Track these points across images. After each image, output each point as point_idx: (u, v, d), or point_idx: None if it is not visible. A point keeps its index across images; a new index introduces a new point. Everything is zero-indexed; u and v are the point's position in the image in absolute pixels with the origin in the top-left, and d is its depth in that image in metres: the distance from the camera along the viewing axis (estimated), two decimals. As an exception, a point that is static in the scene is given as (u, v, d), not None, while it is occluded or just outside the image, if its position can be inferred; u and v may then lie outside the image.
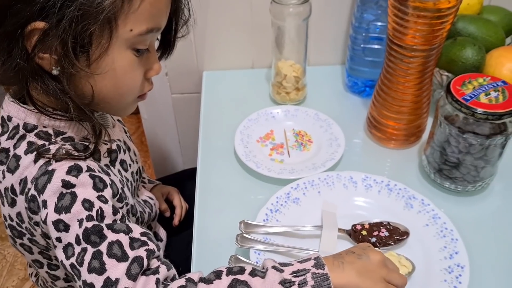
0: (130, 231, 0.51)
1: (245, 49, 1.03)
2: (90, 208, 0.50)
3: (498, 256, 0.67)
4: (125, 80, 0.55)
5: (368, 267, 0.53)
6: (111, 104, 0.57)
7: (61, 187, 0.50)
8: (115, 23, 0.50)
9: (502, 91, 0.69)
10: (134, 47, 0.54)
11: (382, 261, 0.54)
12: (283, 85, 0.92)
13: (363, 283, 0.51)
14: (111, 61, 0.52)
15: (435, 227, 0.68)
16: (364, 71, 0.92)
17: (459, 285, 0.60)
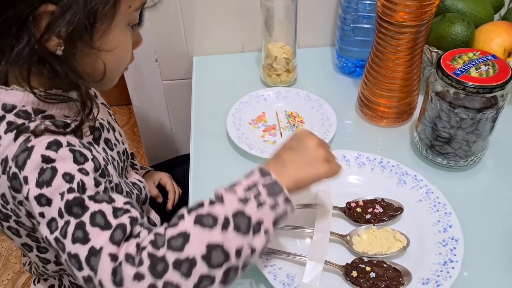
0: (113, 201, 0.51)
1: (234, 33, 1.03)
2: (70, 180, 0.50)
3: (491, 228, 0.68)
4: (125, 53, 0.59)
5: (308, 156, 0.56)
6: (109, 78, 0.59)
7: (41, 162, 0.50)
8: (119, 2, 0.53)
9: (492, 65, 0.69)
10: (130, 22, 0.57)
11: (318, 143, 0.57)
12: (273, 67, 0.91)
13: (309, 173, 0.55)
14: (114, 38, 0.55)
15: (428, 202, 0.68)
16: (354, 51, 0.92)
17: (453, 257, 0.61)
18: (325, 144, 0.59)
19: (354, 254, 0.64)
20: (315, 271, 0.61)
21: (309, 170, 0.55)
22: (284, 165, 0.55)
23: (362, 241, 0.65)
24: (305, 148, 0.56)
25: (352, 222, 0.68)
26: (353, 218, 0.68)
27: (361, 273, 0.61)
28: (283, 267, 0.62)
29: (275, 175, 0.52)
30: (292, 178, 0.54)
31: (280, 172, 0.53)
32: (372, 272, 0.60)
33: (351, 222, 0.68)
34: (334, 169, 0.57)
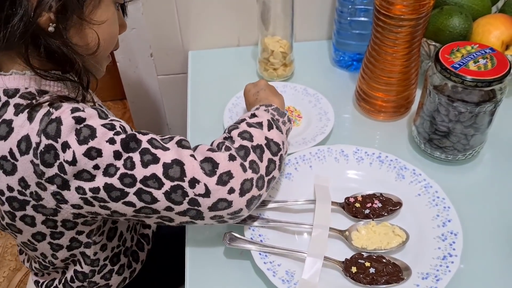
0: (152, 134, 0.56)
1: (230, 27, 1.02)
2: (112, 127, 0.53)
3: (490, 222, 0.68)
4: (113, 30, 0.60)
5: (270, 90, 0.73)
6: (96, 59, 0.59)
7: (74, 123, 0.51)
8: None
9: (491, 58, 0.68)
10: (116, 1, 0.59)
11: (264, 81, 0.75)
12: (270, 61, 0.91)
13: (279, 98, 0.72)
14: (103, 13, 0.56)
15: (427, 196, 0.68)
16: (351, 45, 0.91)
17: (453, 251, 0.61)
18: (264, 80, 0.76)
19: (353, 249, 0.64)
20: (315, 267, 0.60)
21: (280, 98, 0.72)
22: (267, 99, 0.70)
23: (361, 237, 0.64)
24: (265, 86, 0.73)
25: (351, 217, 0.67)
26: (352, 213, 0.67)
27: (360, 269, 0.60)
28: (282, 264, 0.61)
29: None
30: (278, 105, 0.69)
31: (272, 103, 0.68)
32: (371, 268, 0.60)
33: (350, 218, 0.68)
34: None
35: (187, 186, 0.53)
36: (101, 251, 0.68)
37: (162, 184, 0.52)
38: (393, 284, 0.59)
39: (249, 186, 0.56)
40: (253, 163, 0.57)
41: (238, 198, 0.55)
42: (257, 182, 0.57)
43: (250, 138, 0.59)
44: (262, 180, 0.58)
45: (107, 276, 0.71)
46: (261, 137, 0.60)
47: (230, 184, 0.55)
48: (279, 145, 0.61)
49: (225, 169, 0.55)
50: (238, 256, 0.65)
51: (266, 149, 0.60)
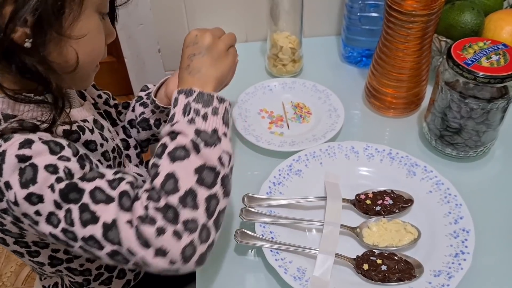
0: (103, 175, 0.51)
1: (238, 23, 1.01)
2: (55, 171, 0.48)
3: (502, 219, 0.67)
4: (97, 43, 0.56)
5: (213, 54, 0.59)
6: (79, 73, 0.55)
7: (17, 163, 0.47)
8: None
9: (503, 54, 0.68)
10: (100, 10, 0.55)
11: (213, 38, 0.60)
12: (279, 57, 0.90)
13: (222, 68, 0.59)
14: (84, 26, 0.52)
15: (439, 193, 0.68)
16: (361, 40, 0.91)
17: (465, 249, 0.61)
18: (217, 31, 0.62)
19: (364, 246, 0.64)
20: (326, 264, 0.60)
21: (221, 66, 0.59)
22: (199, 71, 0.57)
23: (372, 234, 0.64)
24: (206, 48, 0.59)
25: (362, 214, 0.67)
26: (363, 210, 0.67)
27: (372, 266, 0.60)
28: (294, 261, 0.61)
29: (197, 87, 0.55)
30: (212, 79, 0.58)
31: (199, 80, 0.57)
32: (383, 265, 0.60)
33: (361, 214, 0.67)
34: (235, 55, 0.63)
35: (126, 253, 0.48)
36: (89, 262, 0.67)
37: (102, 246, 0.48)
38: (405, 281, 0.59)
39: (191, 251, 0.48)
40: (187, 223, 0.48)
41: (184, 265, 0.49)
42: (200, 238, 0.49)
43: (175, 188, 0.49)
44: (206, 230, 0.50)
45: (106, 282, 0.71)
46: (189, 175, 0.49)
47: (169, 256, 0.48)
48: (214, 168, 0.51)
49: (157, 245, 0.47)
50: (249, 253, 0.65)
51: (199, 189, 0.49)
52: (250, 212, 0.65)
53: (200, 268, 0.51)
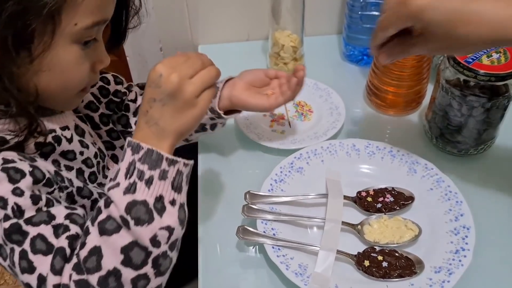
0: (53, 218, 0.48)
1: (239, 21, 1.02)
2: (4, 206, 0.47)
3: (502, 216, 0.68)
4: (72, 74, 0.52)
5: (177, 104, 0.49)
6: (56, 100, 0.54)
7: None
8: (59, 17, 0.47)
9: (504, 53, 0.68)
10: (80, 40, 0.50)
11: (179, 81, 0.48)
12: (280, 56, 0.91)
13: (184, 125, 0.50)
14: (56, 57, 0.49)
15: (439, 190, 0.68)
16: (362, 39, 0.91)
17: (465, 245, 0.61)
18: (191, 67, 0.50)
19: (365, 243, 0.64)
20: (328, 260, 0.61)
21: (184, 118, 0.49)
22: (156, 124, 0.49)
23: (373, 230, 0.65)
24: (169, 95, 0.48)
25: (363, 211, 0.68)
26: (364, 208, 0.68)
27: (373, 262, 0.61)
28: (295, 257, 0.62)
29: (149, 141, 0.48)
30: (170, 133, 0.49)
31: (154, 134, 0.49)
32: (384, 261, 0.60)
33: (362, 212, 0.68)
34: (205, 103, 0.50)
35: None
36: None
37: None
38: (406, 277, 0.59)
39: None
40: None
41: None
42: None
43: (97, 266, 0.45)
44: None
45: None
46: (114, 254, 0.45)
47: None
48: (146, 248, 0.45)
49: None
50: (251, 249, 0.65)
51: (124, 269, 0.45)
52: (252, 209, 0.65)
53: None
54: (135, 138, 0.49)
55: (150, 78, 0.49)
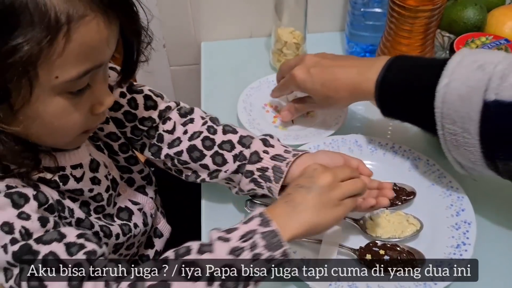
0: (64, 237, 0.47)
1: (243, 18, 1.02)
2: (10, 231, 0.45)
3: (503, 211, 0.68)
4: (61, 123, 0.48)
5: (322, 198, 0.51)
6: (54, 143, 0.52)
7: None
8: (34, 71, 0.42)
9: (506, 49, 0.69)
10: (66, 91, 0.46)
11: (332, 180, 0.53)
12: (283, 52, 0.91)
13: (320, 220, 0.51)
14: (39, 109, 0.45)
15: (441, 186, 0.69)
16: (365, 36, 0.92)
17: (466, 240, 0.62)
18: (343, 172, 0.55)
19: (368, 238, 0.65)
20: (330, 255, 0.61)
21: (323, 215, 0.51)
22: (295, 208, 0.51)
23: (375, 225, 0.65)
24: (318, 188, 0.52)
25: (365, 206, 0.68)
26: (366, 203, 0.68)
27: (375, 257, 0.61)
28: (298, 251, 0.62)
29: (280, 222, 0.48)
30: (303, 223, 0.50)
31: (287, 218, 0.50)
32: (386, 256, 0.61)
33: (364, 207, 0.68)
34: (347, 208, 0.54)
35: None
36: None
37: None
38: (408, 271, 0.60)
39: None
40: None
41: None
42: None
43: None
44: None
45: None
46: None
47: None
48: None
49: None
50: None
51: None
52: (255, 203, 0.66)
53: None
54: (269, 211, 0.50)
55: (306, 169, 0.56)
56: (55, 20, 0.41)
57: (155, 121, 0.67)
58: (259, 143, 0.63)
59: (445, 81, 0.56)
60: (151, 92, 0.69)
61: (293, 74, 0.70)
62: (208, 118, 0.69)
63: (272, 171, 0.61)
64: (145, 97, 0.67)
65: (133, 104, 0.66)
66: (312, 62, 0.70)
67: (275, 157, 0.62)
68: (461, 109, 0.55)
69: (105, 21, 0.44)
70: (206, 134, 0.66)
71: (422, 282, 0.58)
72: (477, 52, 0.58)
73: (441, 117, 0.58)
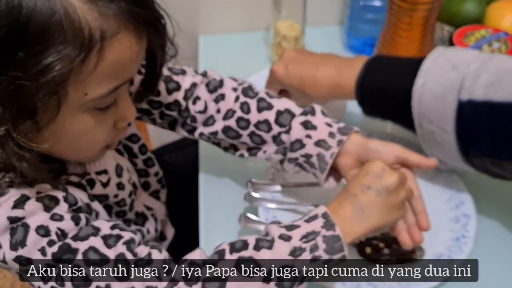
0: (98, 230, 0.47)
1: (241, 12, 1.02)
2: (47, 233, 0.45)
3: (503, 204, 0.68)
4: (85, 141, 0.48)
5: (389, 201, 0.51)
6: (75, 159, 0.53)
7: (9, 224, 0.44)
8: (64, 90, 0.41)
9: (505, 42, 0.69)
10: (94, 107, 0.46)
11: (399, 181, 0.52)
12: (282, 46, 0.91)
13: (385, 222, 0.51)
14: (65, 127, 0.45)
15: (441, 179, 0.69)
16: (364, 30, 0.92)
17: (466, 233, 0.62)
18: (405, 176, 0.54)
19: (367, 231, 0.65)
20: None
21: (387, 217, 0.51)
22: (362, 210, 0.50)
23: (375, 218, 0.65)
24: (387, 190, 0.51)
25: (365, 199, 0.68)
26: (366, 196, 0.68)
27: (374, 249, 0.61)
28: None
29: (344, 225, 0.48)
30: (368, 226, 0.49)
31: (353, 222, 0.49)
32: (385, 248, 0.61)
33: (364, 200, 0.68)
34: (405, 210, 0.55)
35: None
36: None
37: None
38: (407, 263, 0.60)
39: None
40: None
41: None
42: None
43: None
44: None
45: None
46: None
47: None
48: None
49: None
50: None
51: None
52: (254, 197, 0.66)
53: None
54: (333, 211, 0.49)
55: (371, 166, 0.52)
56: (89, 37, 0.40)
57: (181, 104, 0.64)
58: (300, 129, 0.59)
59: (421, 81, 0.57)
60: (170, 72, 0.65)
61: (271, 70, 0.71)
62: (241, 90, 0.64)
63: (316, 158, 0.58)
64: (166, 80, 0.64)
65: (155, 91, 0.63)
66: (290, 57, 0.69)
67: (319, 143, 0.58)
68: (437, 109, 0.56)
69: (136, 37, 0.44)
70: (239, 114, 0.62)
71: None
72: (450, 51, 0.59)
73: (418, 117, 0.59)
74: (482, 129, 0.54)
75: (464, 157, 0.58)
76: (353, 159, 0.58)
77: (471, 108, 0.54)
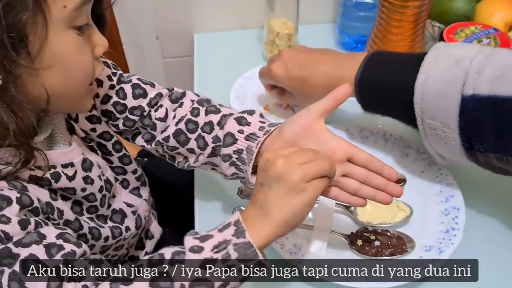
0: (43, 237, 0.46)
1: (235, 10, 1.03)
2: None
3: (492, 197, 0.70)
4: (76, 65, 0.49)
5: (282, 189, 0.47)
6: (67, 100, 0.52)
7: None
8: (46, 3, 0.44)
9: (494, 38, 0.70)
10: (74, 24, 0.48)
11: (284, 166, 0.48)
12: (275, 43, 0.92)
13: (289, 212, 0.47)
14: (56, 49, 0.46)
15: (431, 173, 0.70)
16: (356, 27, 0.93)
17: (455, 225, 0.63)
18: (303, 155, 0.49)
19: (359, 224, 0.66)
20: (321, 240, 0.62)
21: (290, 204, 0.47)
22: (261, 207, 0.48)
23: (366, 211, 0.66)
24: (275, 180, 0.48)
25: (356, 193, 0.69)
26: (357, 190, 0.69)
27: (366, 242, 0.62)
28: (290, 237, 0.63)
29: (253, 229, 0.47)
30: (273, 227, 0.47)
31: (259, 222, 0.47)
32: (376, 241, 0.62)
33: (355, 194, 0.69)
34: (317, 189, 0.48)
35: None
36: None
37: None
38: (397, 255, 0.61)
39: None
40: None
41: None
42: None
43: None
44: None
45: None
46: None
47: None
48: None
49: None
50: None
51: None
52: (248, 190, 0.66)
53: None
54: (243, 217, 0.48)
55: (259, 164, 0.50)
56: None
57: (145, 110, 0.65)
58: (233, 123, 0.58)
59: (423, 77, 0.57)
60: (139, 81, 0.67)
61: (271, 70, 0.71)
62: (197, 100, 0.65)
63: (246, 153, 0.57)
64: (133, 86, 0.65)
65: (121, 95, 0.65)
66: (289, 57, 0.70)
67: (249, 137, 0.57)
68: (440, 104, 0.56)
69: None
70: (189, 116, 0.63)
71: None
72: (452, 46, 0.59)
73: (420, 113, 0.59)
74: (486, 124, 0.54)
75: (467, 153, 0.58)
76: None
77: (474, 103, 0.54)
